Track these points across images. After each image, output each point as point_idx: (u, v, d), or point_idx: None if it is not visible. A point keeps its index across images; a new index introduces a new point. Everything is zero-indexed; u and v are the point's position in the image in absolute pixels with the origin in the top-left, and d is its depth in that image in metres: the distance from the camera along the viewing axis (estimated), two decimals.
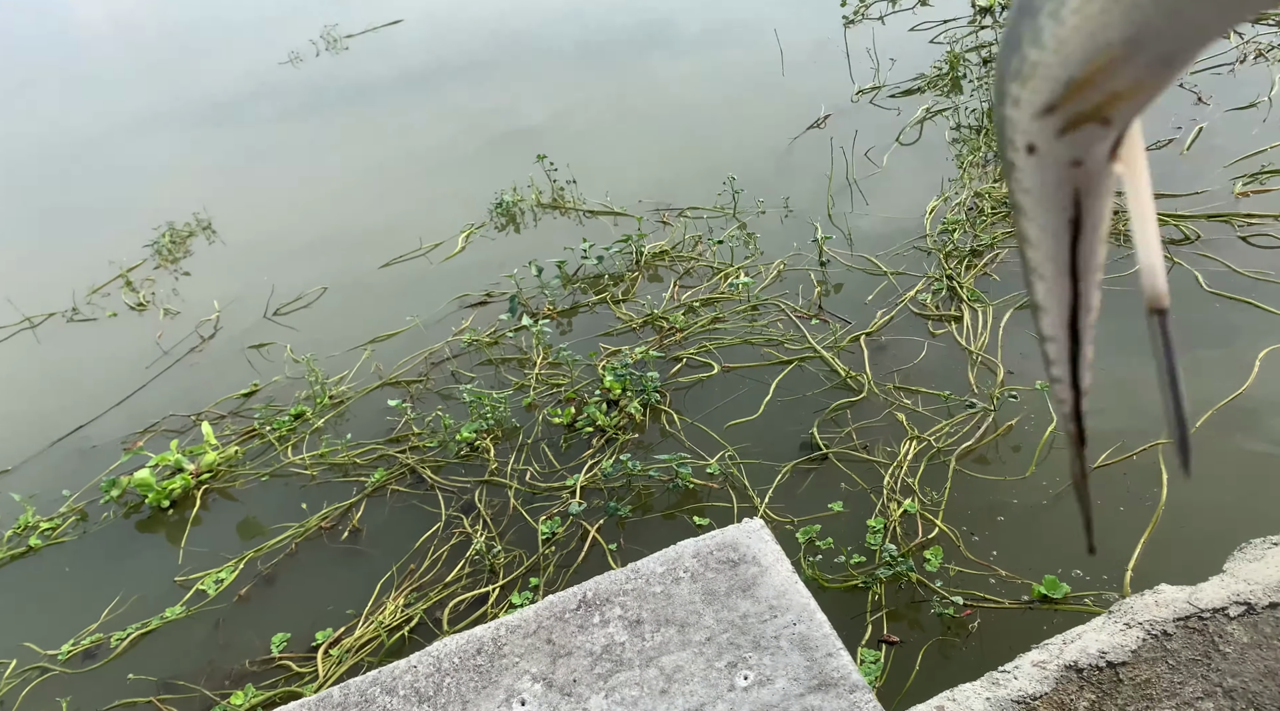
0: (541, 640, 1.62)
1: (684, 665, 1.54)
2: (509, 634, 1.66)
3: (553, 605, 1.69)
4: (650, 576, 1.73)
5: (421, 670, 1.63)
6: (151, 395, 5.03)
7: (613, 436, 3.87)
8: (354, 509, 3.86)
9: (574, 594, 1.71)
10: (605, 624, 1.63)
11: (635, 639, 1.60)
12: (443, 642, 1.68)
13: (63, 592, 3.84)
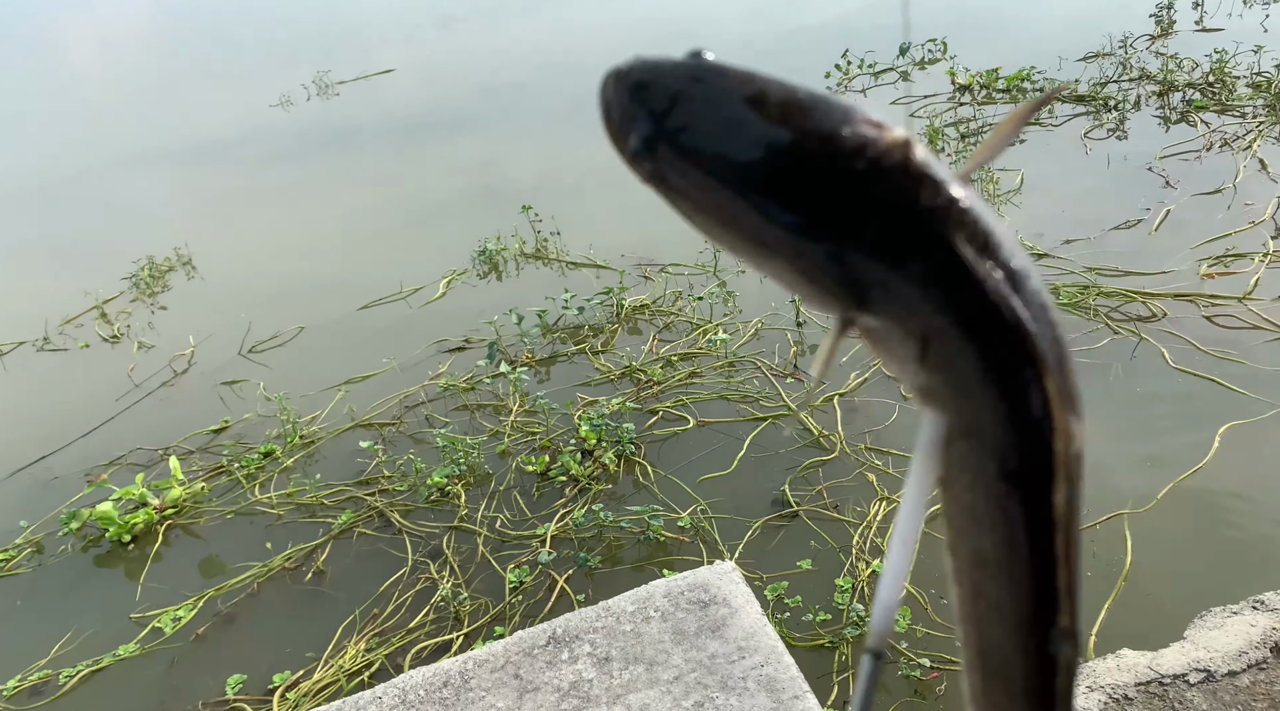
0: (509, 675, 1.61)
1: (651, 703, 1.54)
2: (477, 668, 1.65)
3: (522, 640, 1.69)
4: (621, 614, 1.74)
5: (387, 701, 1.61)
6: (120, 428, 4.97)
7: (586, 486, 3.86)
8: (319, 550, 3.81)
9: (544, 630, 1.70)
10: (574, 660, 1.63)
11: (604, 676, 1.60)
12: (409, 674, 1.67)
13: (12, 626, 3.74)
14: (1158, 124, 5.93)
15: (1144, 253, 4.66)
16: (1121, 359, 3.96)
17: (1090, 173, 5.48)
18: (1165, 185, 5.22)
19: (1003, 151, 0.56)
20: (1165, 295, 4.31)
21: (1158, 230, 4.82)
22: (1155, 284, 4.41)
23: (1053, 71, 6.67)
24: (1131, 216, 4.96)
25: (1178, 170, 5.37)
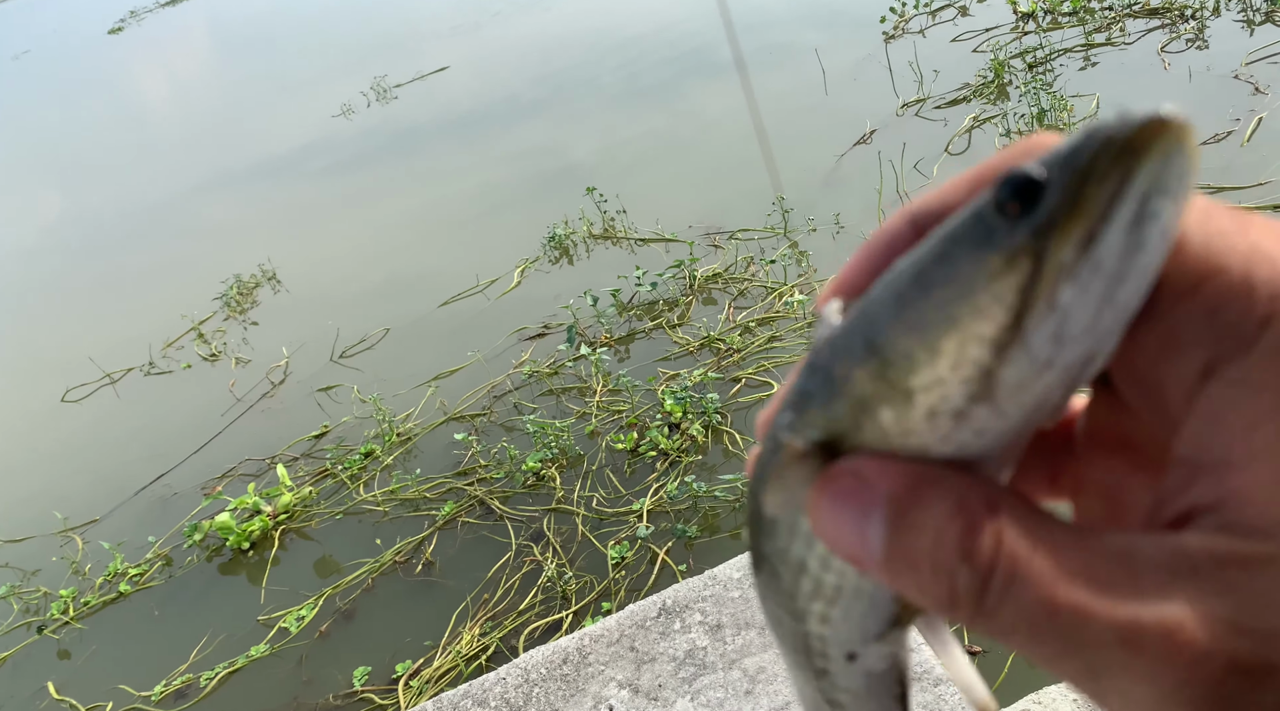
0: (625, 648, 1.65)
1: (767, 666, 1.56)
2: (593, 643, 1.69)
3: (634, 613, 1.73)
4: (728, 582, 1.76)
5: (511, 681, 1.67)
6: (227, 441, 5.20)
7: (676, 459, 3.89)
8: (426, 542, 3.93)
9: (654, 602, 1.74)
10: (686, 630, 1.66)
11: (717, 643, 1.62)
12: (530, 654, 1.73)
13: (153, 635, 3.97)
14: (1240, 28, 5.61)
15: (1236, 165, 4.43)
16: None
17: (1171, 88, 5.22)
18: (1255, 92, 4.95)
19: None
20: (1265, 206, 4.10)
21: (1250, 140, 4.58)
22: (1253, 197, 4.20)
23: None
24: (1220, 129, 4.72)
25: (1267, 74, 5.08)
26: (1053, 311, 0.35)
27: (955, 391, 0.36)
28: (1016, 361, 0.35)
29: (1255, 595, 0.26)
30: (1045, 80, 5.53)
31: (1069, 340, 0.35)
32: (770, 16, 9.18)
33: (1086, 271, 0.34)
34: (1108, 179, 0.33)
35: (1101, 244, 0.34)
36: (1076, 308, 0.35)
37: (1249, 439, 0.28)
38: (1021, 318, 0.35)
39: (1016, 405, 0.36)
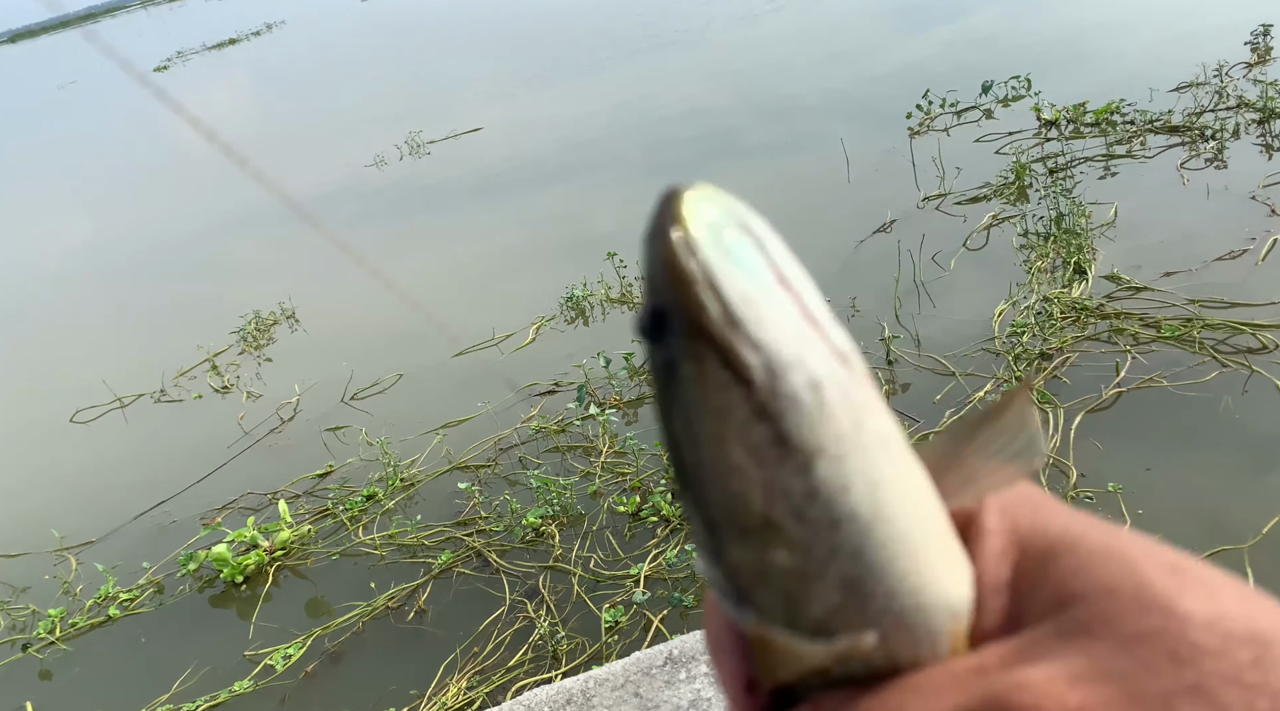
0: (629, 693, 1.66)
1: None
2: (597, 686, 1.69)
3: (640, 661, 1.73)
4: None
5: None
6: (231, 474, 5.21)
7: (677, 526, 3.89)
8: (420, 590, 3.92)
9: (660, 651, 1.74)
10: (691, 680, 1.66)
11: (722, 695, 1.62)
12: (534, 693, 1.73)
13: (137, 662, 3.93)
14: (1259, 152, 5.76)
15: (1250, 284, 4.50)
16: (1233, 393, 3.82)
17: (1188, 204, 5.34)
18: (1271, 213, 5.05)
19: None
20: (1275, 325, 4.15)
21: (1265, 260, 4.66)
22: (1265, 315, 4.26)
23: (1144, 103, 6.54)
24: (1236, 246, 4.81)
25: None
26: (757, 349, 0.41)
27: (778, 477, 0.41)
28: (783, 404, 0.41)
29: None
30: (1065, 186, 5.66)
31: (788, 354, 0.41)
32: (800, 105, 9.44)
33: (740, 313, 0.41)
34: (677, 265, 0.42)
35: (724, 289, 0.42)
36: (769, 329, 0.41)
37: None
38: (737, 371, 0.41)
39: (833, 441, 0.42)
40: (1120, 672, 0.38)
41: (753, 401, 0.41)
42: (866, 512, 0.42)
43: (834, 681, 0.44)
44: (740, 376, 0.41)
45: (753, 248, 0.43)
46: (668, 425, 0.45)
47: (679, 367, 0.43)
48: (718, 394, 0.42)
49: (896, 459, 0.44)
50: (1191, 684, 0.37)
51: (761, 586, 0.43)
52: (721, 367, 0.42)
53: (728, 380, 0.42)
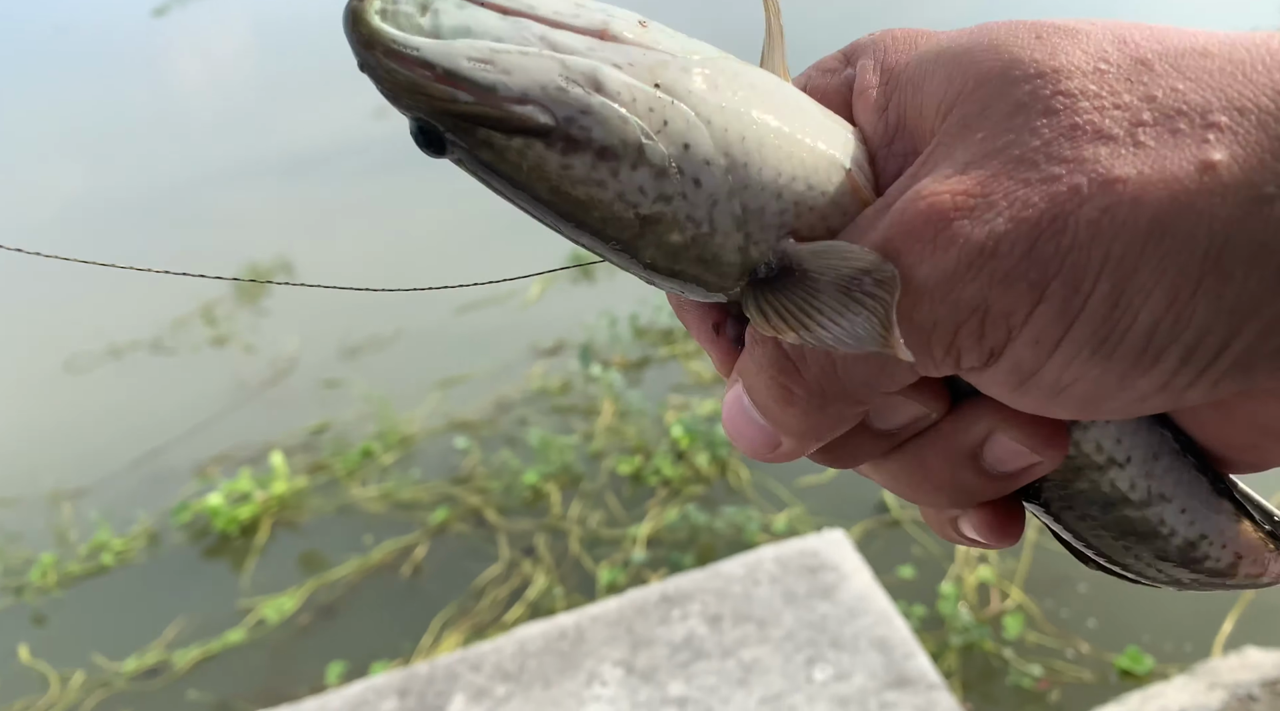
0: (623, 630, 1.67)
1: (762, 658, 1.58)
2: (592, 622, 1.70)
3: (634, 599, 1.75)
4: (730, 577, 1.78)
5: (506, 651, 1.68)
6: (226, 426, 5.15)
7: (678, 488, 3.84)
8: (416, 545, 3.87)
9: (655, 590, 1.77)
10: (685, 618, 1.69)
11: (715, 633, 1.65)
12: (527, 627, 1.75)
13: (130, 611, 3.90)
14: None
15: None
16: None
17: None
18: None
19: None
20: None
21: None
22: None
23: None
24: None
25: None
26: (523, 100, 0.41)
27: (625, 183, 0.42)
28: (581, 125, 0.41)
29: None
30: None
31: (551, 81, 0.41)
32: None
33: (487, 80, 0.41)
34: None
35: (457, 68, 0.41)
36: (519, 73, 0.41)
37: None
38: (523, 131, 0.42)
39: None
40: (1002, 146, 0.39)
41: (555, 143, 0.41)
42: (716, 151, 0.42)
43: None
44: (530, 131, 0.41)
45: (454, 6, 0.42)
46: (518, 204, 0.47)
47: (479, 158, 0.44)
48: (524, 159, 0.42)
49: (715, 84, 0.43)
50: (1069, 125, 0.38)
51: (680, 265, 0.44)
52: (509, 137, 0.42)
53: (523, 143, 0.42)
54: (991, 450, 0.48)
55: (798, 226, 0.44)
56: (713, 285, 0.45)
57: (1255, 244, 0.36)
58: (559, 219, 0.45)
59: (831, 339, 0.41)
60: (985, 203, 0.39)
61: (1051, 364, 0.41)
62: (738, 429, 0.50)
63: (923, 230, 0.40)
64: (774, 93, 0.45)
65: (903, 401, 0.47)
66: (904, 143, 0.46)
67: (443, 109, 0.42)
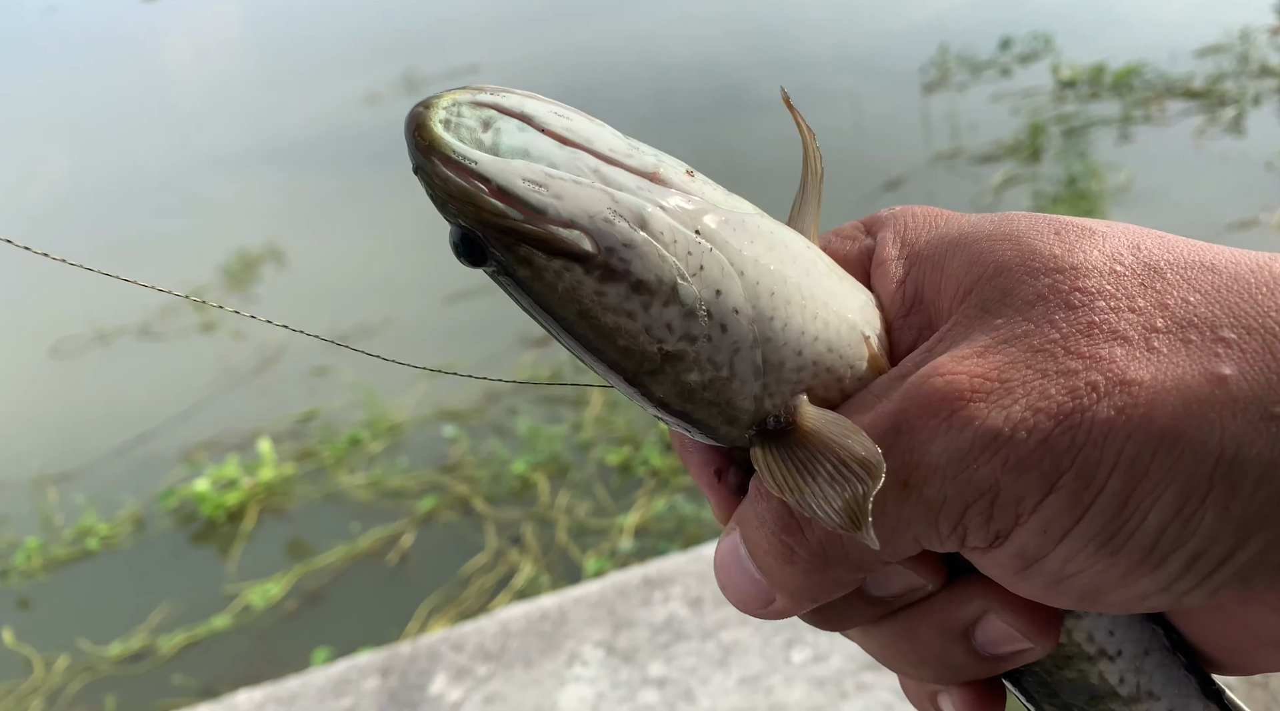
0: (605, 611, 1.69)
1: (742, 640, 1.59)
2: (574, 604, 1.71)
3: (616, 582, 1.76)
4: (711, 560, 1.78)
5: (489, 631, 1.70)
6: (214, 412, 5.12)
7: (666, 478, 3.83)
8: (403, 533, 3.85)
9: (637, 573, 1.79)
10: (667, 601, 1.71)
11: (696, 615, 1.67)
12: (510, 608, 1.76)
13: (115, 596, 3.88)
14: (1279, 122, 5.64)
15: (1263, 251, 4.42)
16: None
17: (1204, 171, 5.23)
18: None
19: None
20: None
21: (1277, 229, 4.58)
22: None
23: (1164, 66, 6.39)
24: (1248, 215, 4.72)
25: None
26: (571, 225, 0.42)
27: (653, 318, 0.43)
28: (621, 256, 0.42)
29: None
30: (1080, 148, 5.54)
31: (600, 211, 0.42)
32: (810, 58, 9.25)
33: (537, 201, 0.42)
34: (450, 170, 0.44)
35: (510, 186, 0.42)
36: (570, 199, 0.42)
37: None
38: (565, 254, 0.43)
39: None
40: (1021, 334, 0.41)
41: (594, 270, 0.42)
42: (746, 301, 0.43)
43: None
44: (572, 256, 0.42)
45: (515, 128, 0.43)
46: (542, 323, 0.47)
47: (515, 275, 0.44)
48: (560, 280, 0.43)
49: (752, 238, 0.45)
50: (1086, 323, 0.40)
51: (692, 405, 0.44)
52: (550, 257, 0.42)
53: (562, 265, 0.42)
54: (983, 631, 0.48)
55: (813, 385, 0.45)
56: (720, 430, 0.46)
57: (1264, 462, 0.38)
58: (581, 343, 0.45)
59: (819, 510, 0.41)
60: (1003, 388, 0.40)
61: (1057, 553, 0.42)
62: (730, 579, 0.49)
63: (938, 407, 0.41)
64: (803, 254, 0.47)
65: (900, 571, 0.48)
66: (920, 316, 0.47)
67: (491, 222, 0.43)
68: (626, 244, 0.42)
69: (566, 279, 0.43)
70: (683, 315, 0.42)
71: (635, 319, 0.42)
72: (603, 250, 0.42)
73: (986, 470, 0.41)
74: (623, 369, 0.45)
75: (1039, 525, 0.41)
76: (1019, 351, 0.41)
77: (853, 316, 0.46)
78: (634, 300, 0.42)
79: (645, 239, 0.42)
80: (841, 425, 0.43)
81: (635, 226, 0.42)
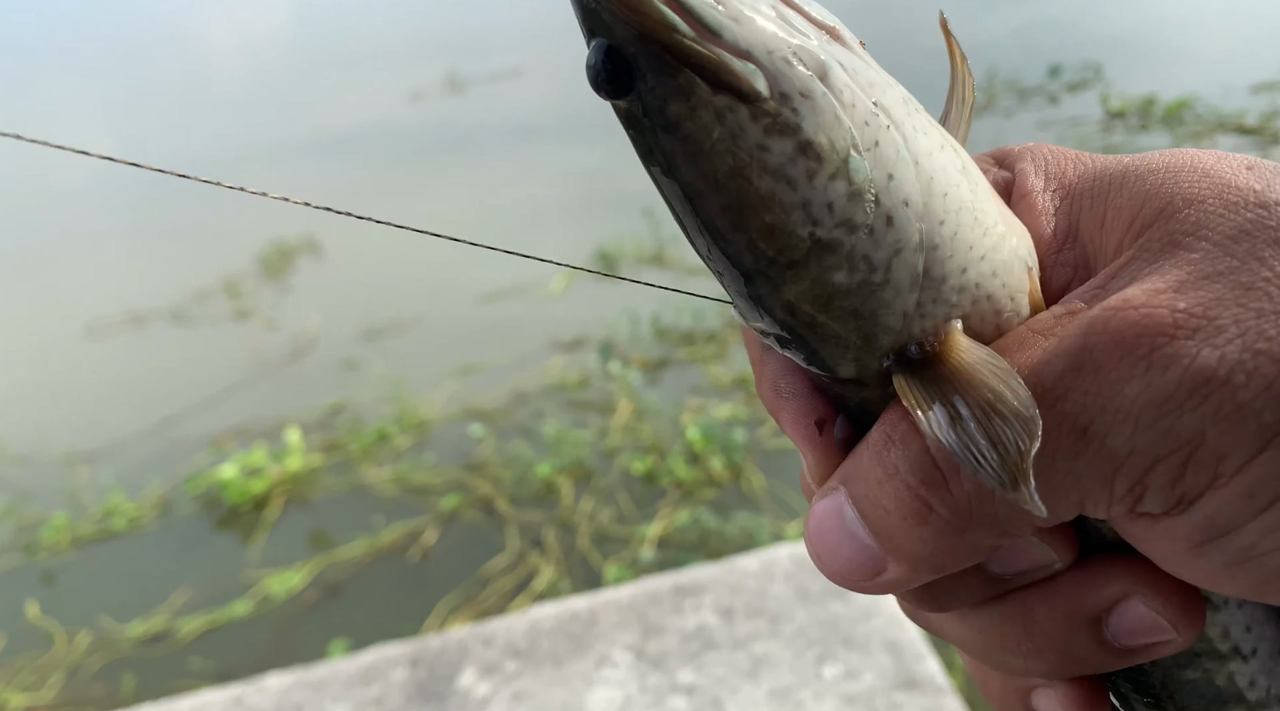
0: (635, 616, 1.69)
1: (773, 652, 1.59)
2: (605, 607, 1.71)
3: (648, 588, 1.76)
4: (745, 572, 1.80)
5: (519, 629, 1.70)
6: (243, 399, 5.17)
7: (690, 490, 3.81)
8: (425, 530, 3.86)
9: (668, 579, 1.78)
10: (698, 609, 1.71)
11: (726, 625, 1.66)
12: (541, 607, 1.76)
13: (138, 577, 3.92)
14: None
15: None
16: None
17: None
18: None
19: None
20: None
21: None
22: None
23: (1217, 100, 6.32)
24: None
25: None
26: (747, 55, 0.36)
27: (815, 191, 0.37)
28: (796, 106, 0.36)
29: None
30: None
31: (781, 47, 0.36)
32: None
33: (713, 19, 0.36)
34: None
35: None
36: (750, 26, 0.36)
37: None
38: (734, 89, 0.36)
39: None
40: (1225, 270, 0.37)
41: (761, 117, 0.36)
42: (919, 195, 0.37)
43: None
44: (740, 93, 0.36)
45: None
46: (671, 180, 0.40)
47: (665, 110, 0.37)
48: (720, 123, 0.36)
49: (926, 128, 0.40)
50: None
51: (826, 314, 0.38)
52: (715, 91, 0.36)
53: (726, 103, 0.36)
54: (1120, 617, 0.42)
55: (970, 312, 0.39)
56: (846, 354, 0.39)
57: None
58: (716, 211, 0.38)
59: (979, 459, 0.36)
60: (1212, 326, 0.36)
61: (1254, 525, 0.36)
62: (830, 546, 0.43)
63: (1135, 342, 0.36)
64: (971, 163, 0.41)
65: (1032, 542, 0.42)
66: (1074, 254, 0.43)
67: (653, 35, 0.36)
68: (804, 93, 0.35)
69: (728, 122, 0.36)
70: (848, 195, 0.36)
71: (795, 188, 0.36)
72: (776, 94, 0.35)
73: (1192, 418, 0.35)
74: (756, 254, 0.38)
75: (1242, 489, 0.36)
76: (1225, 288, 0.36)
77: (1015, 242, 0.40)
78: (799, 164, 0.36)
79: (824, 92, 0.36)
80: (998, 365, 0.37)
81: (817, 75, 0.36)
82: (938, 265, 0.38)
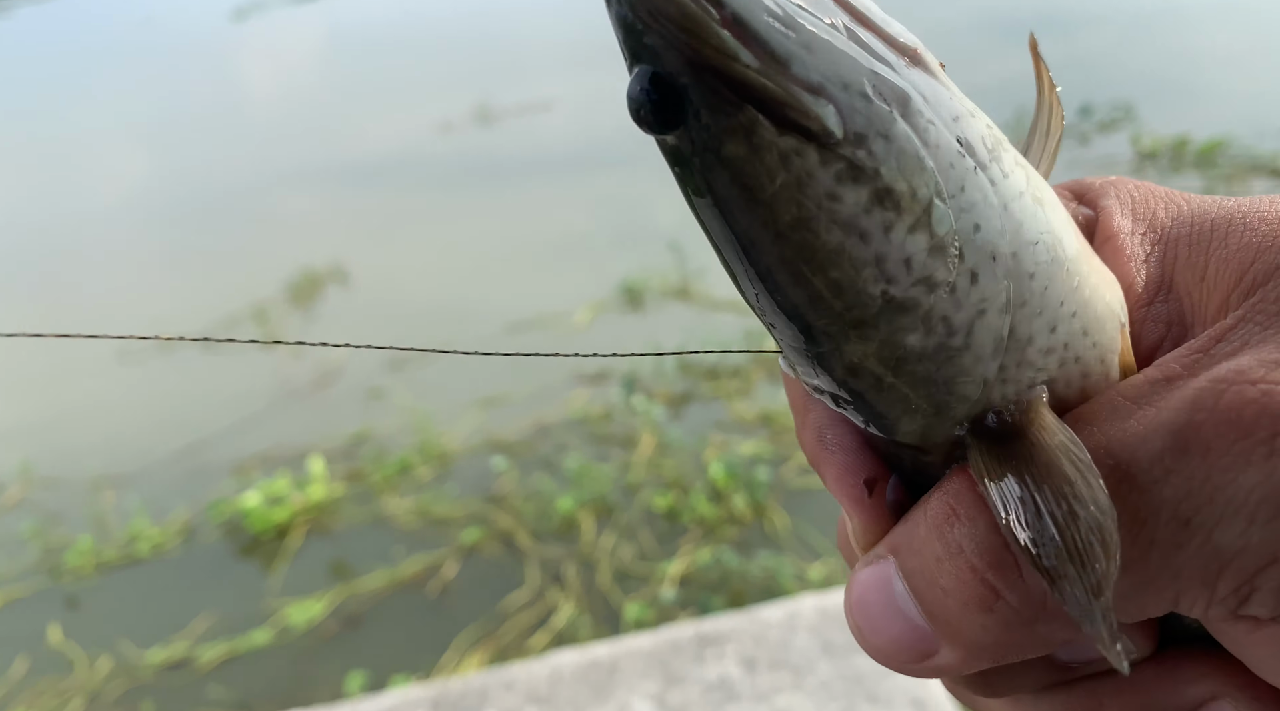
0: (657, 664, 1.69)
1: (796, 706, 1.59)
2: (626, 655, 1.69)
3: (670, 637, 1.75)
4: (768, 622, 1.80)
5: (540, 674, 1.71)
6: (268, 426, 5.20)
7: (713, 528, 3.78)
8: (445, 562, 3.86)
9: (690, 627, 1.78)
10: (720, 659, 1.71)
11: (749, 676, 1.66)
12: (561, 653, 1.76)
13: (160, 603, 3.93)
14: None
15: None
16: None
17: None
18: None
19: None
20: None
21: None
22: None
23: (1251, 142, 6.27)
24: None
25: None
26: (820, 89, 0.31)
27: (892, 244, 0.33)
28: (873, 148, 0.32)
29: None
30: None
31: (856, 80, 0.31)
32: None
33: (782, 48, 0.31)
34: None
35: (750, 21, 0.30)
36: (823, 56, 0.30)
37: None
38: (802, 128, 0.32)
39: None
40: None
41: (835, 161, 0.31)
42: (1007, 246, 0.33)
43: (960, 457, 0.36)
44: (809, 134, 0.31)
45: None
46: (722, 225, 0.34)
47: (720, 151, 0.32)
48: (785, 168, 0.31)
49: (1012, 167, 0.35)
50: None
51: (895, 378, 0.34)
52: (781, 131, 0.31)
53: (793, 145, 0.31)
54: None
55: (1056, 376, 0.34)
56: (914, 420, 0.35)
57: None
58: (777, 262, 0.33)
59: (1060, 558, 0.31)
60: None
61: None
62: (874, 620, 0.38)
63: (1251, 424, 0.31)
64: (1056, 201, 0.36)
65: None
66: (1168, 308, 0.38)
67: (711, 64, 0.30)
68: (884, 134, 0.31)
69: (794, 167, 0.31)
70: (929, 249, 0.31)
71: (869, 243, 0.31)
72: (851, 134, 0.31)
73: None
74: (818, 311, 0.34)
75: None
76: None
77: (1109, 296, 0.35)
78: (874, 215, 0.31)
79: (907, 132, 0.31)
80: (1081, 458, 0.32)
81: (898, 110, 0.31)
82: (1024, 324, 0.33)
